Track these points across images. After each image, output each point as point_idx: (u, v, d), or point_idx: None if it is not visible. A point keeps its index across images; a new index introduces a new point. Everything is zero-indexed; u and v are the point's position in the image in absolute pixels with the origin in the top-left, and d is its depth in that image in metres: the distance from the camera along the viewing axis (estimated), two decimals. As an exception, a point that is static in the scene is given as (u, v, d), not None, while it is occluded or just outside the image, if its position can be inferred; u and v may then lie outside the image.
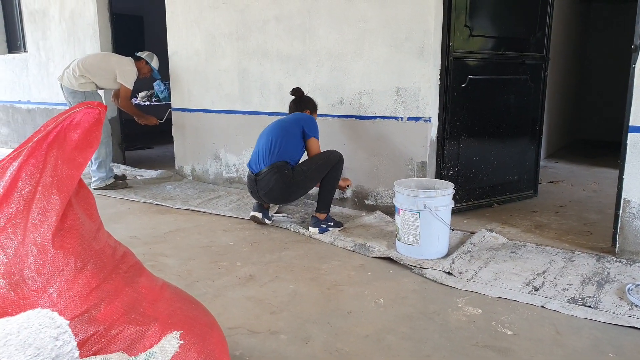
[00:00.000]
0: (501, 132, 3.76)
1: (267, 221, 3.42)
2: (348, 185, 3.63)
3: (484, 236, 3.04)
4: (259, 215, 3.41)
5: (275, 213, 3.66)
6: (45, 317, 0.68)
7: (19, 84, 6.87)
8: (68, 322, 0.69)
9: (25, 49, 6.71)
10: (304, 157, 3.38)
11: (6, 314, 0.87)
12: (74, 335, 1.01)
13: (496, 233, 3.10)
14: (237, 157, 4.48)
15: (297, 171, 3.23)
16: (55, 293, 1.15)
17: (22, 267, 1.16)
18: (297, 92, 3.51)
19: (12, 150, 1.32)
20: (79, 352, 0.67)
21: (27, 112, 6.86)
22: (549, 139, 6.19)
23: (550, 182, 4.79)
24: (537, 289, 2.36)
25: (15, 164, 1.28)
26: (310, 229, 3.24)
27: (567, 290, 2.35)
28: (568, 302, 2.23)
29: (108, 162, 4.53)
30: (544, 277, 2.50)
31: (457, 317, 2.12)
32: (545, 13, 3.79)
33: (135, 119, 4.72)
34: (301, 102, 3.51)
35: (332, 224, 3.27)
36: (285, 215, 3.65)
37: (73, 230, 1.26)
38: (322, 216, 3.27)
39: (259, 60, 4.18)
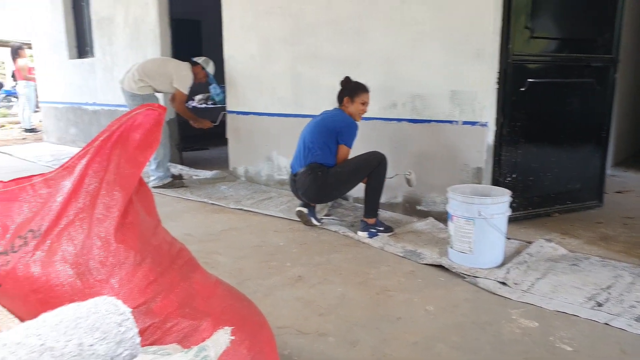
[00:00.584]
0: (563, 138, 3.61)
1: (314, 221, 3.45)
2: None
3: (542, 246, 2.93)
4: (305, 210, 3.46)
5: (325, 216, 3.67)
6: (110, 304, 0.71)
7: (86, 87, 7.25)
8: (131, 310, 0.73)
9: (93, 54, 7.08)
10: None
11: (73, 301, 0.92)
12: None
13: (555, 244, 2.98)
14: (289, 159, 4.51)
15: (331, 173, 3.26)
16: (116, 284, 1.21)
17: (87, 258, 1.23)
18: (343, 81, 3.42)
19: (80, 149, 1.39)
20: (139, 339, 0.70)
21: (92, 113, 7.22)
22: (617, 146, 5.85)
23: (618, 192, 4.54)
24: (600, 305, 2.24)
25: (83, 161, 1.35)
26: (359, 233, 3.23)
27: (635, 307, 2.21)
28: (635, 320, 2.10)
29: (166, 162, 4.69)
30: (608, 293, 2.36)
31: (511, 329, 2.05)
32: (615, 12, 3.60)
33: (190, 122, 4.86)
34: (341, 91, 3.39)
35: (381, 228, 3.24)
36: (335, 218, 3.65)
37: (133, 226, 1.32)
38: (370, 220, 3.24)
39: (311, 64, 4.21)
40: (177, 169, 5.55)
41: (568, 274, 2.59)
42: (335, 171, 3.26)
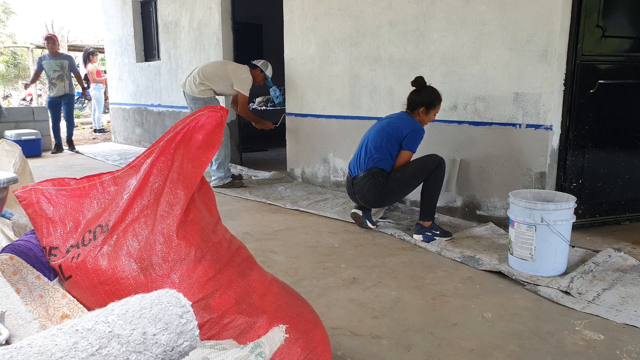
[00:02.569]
0: (636, 143, 3.41)
1: (369, 223, 3.44)
2: None
3: (609, 256, 2.78)
4: (360, 212, 3.46)
5: (380, 218, 3.65)
6: (172, 297, 0.74)
7: (152, 89, 7.58)
8: (191, 302, 0.76)
9: (159, 57, 7.39)
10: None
11: (136, 294, 0.97)
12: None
13: (625, 253, 2.82)
14: (345, 161, 4.54)
15: (392, 178, 3.25)
16: (177, 279, 1.26)
17: (151, 253, 1.28)
18: (416, 82, 3.28)
19: (145, 148, 1.46)
20: (199, 331, 0.73)
21: (157, 114, 7.54)
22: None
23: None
24: (672, 319, 2.10)
25: (149, 160, 1.41)
26: (414, 236, 3.20)
27: None
28: None
29: (227, 163, 4.82)
30: (681, 306, 2.22)
31: (573, 341, 1.96)
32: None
33: (253, 123, 4.97)
34: (417, 97, 3.28)
35: (438, 232, 3.19)
36: (390, 221, 3.63)
37: (195, 223, 1.37)
38: (426, 224, 3.20)
39: (370, 66, 4.20)
40: (237, 169, 5.69)
41: (638, 285, 2.44)
42: (395, 176, 3.24)
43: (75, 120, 10.75)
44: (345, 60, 4.41)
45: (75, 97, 14.59)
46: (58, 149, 7.72)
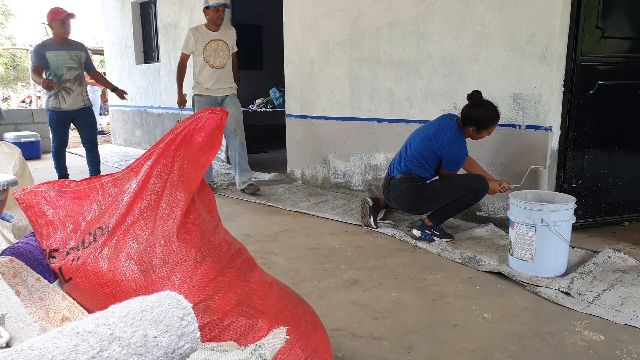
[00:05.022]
0: (636, 144, 3.41)
1: (371, 220, 3.46)
2: (508, 184, 3.10)
3: (609, 256, 2.78)
4: (371, 202, 3.47)
5: (381, 220, 3.65)
6: (173, 299, 0.74)
7: (152, 91, 7.59)
8: (192, 304, 0.76)
9: (158, 59, 7.40)
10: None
11: (137, 297, 0.97)
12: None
13: (625, 254, 2.82)
14: (345, 162, 4.54)
15: (430, 187, 3.15)
16: (177, 281, 1.26)
17: (151, 255, 1.28)
18: (471, 97, 3.02)
19: (145, 150, 1.46)
20: (199, 333, 0.73)
21: (157, 116, 7.54)
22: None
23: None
24: (673, 319, 2.10)
25: (149, 162, 1.41)
26: (414, 230, 3.21)
27: None
28: None
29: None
30: (682, 307, 2.22)
31: (574, 341, 1.96)
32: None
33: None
34: (469, 113, 3.04)
35: (438, 233, 3.18)
36: (391, 222, 3.62)
37: (195, 225, 1.37)
38: (429, 223, 3.20)
39: (370, 67, 4.21)
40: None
41: (638, 286, 2.44)
42: (435, 185, 3.14)
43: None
44: (345, 61, 4.42)
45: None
46: None
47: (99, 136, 10.24)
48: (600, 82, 3.22)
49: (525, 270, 2.61)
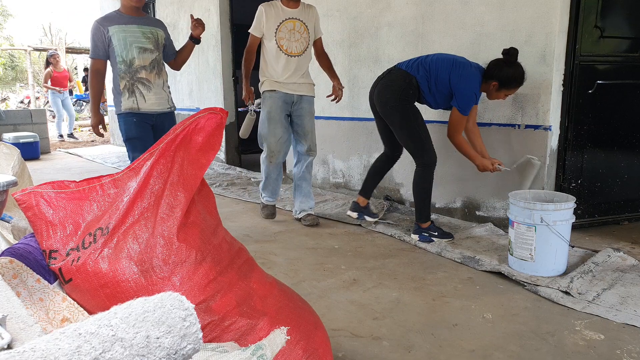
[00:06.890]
0: (635, 143, 3.42)
1: (368, 218, 3.49)
2: (499, 165, 3.07)
3: (609, 255, 2.78)
4: (354, 214, 3.50)
5: (380, 219, 3.65)
6: (175, 300, 0.74)
7: (151, 91, 7.55)
8: (194, 305, 0.76)
9: (157, 59, 7.36)
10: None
11: (138, 297, 0.97)
12: (197, 320, 1.10)
13: (624, 253, 2.82)
14: (344, 162, 4.54)
15: (412, 110, 3.05)
16: (178, 282, 1.26)
17: (151, 256, 1.28)
18: (507, 52, 2.86)
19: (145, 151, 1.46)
20: (202, 334, 0.73)
21: (157, 116, 7.51)
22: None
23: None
24: (672, 319, 2.11)
25: (149, 163, 1.41)
26: (412, 235, 3.21)
27: None
28: None
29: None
30: (681, 306, 2.22)
31: (574, 341, 1.96)
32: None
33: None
34: (496, 67, 2.89)
35: (436, 233, 3.18)
36: (390, 222, 3.63)
37: (195, 226, 1.37)
38: (423, 225, 3.20)
39: (369, 67, 4.21)
40: (236, 171, 5.69)
41: (638, 285, 2.45)
42: (415, 116, 3.04)
43: (75, 123, 10.73)
44: (344, 61, 4.42)
45: (73, 100, 14.08)
46: None
47: (98, 136, 10.26)
48: (600, 82, 3.22)
49: (525, 270, 2.61)
